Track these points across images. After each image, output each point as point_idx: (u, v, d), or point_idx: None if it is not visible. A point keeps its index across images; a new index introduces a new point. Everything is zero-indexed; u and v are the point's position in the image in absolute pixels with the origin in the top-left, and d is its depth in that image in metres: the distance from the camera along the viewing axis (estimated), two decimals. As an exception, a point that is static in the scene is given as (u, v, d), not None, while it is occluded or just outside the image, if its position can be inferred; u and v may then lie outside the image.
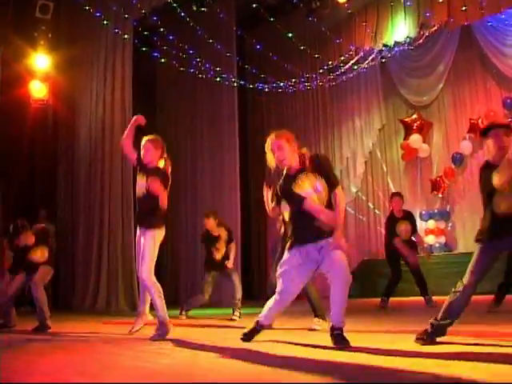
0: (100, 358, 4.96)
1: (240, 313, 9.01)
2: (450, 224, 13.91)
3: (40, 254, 7.94)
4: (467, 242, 13.34)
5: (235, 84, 13.66)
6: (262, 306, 5.50)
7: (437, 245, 13.58)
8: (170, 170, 6.61)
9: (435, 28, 12.74)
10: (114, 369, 4.29)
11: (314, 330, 6.66)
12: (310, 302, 7.02)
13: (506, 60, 13.21)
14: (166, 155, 6.68)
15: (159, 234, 6.36)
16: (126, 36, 12.48)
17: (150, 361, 4.62)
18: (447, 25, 12.64)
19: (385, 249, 10.08)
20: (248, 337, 5.43)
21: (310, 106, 15.34)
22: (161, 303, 6.14)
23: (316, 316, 6.93)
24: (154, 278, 6.19)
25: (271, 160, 5.42)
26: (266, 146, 5.47)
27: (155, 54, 12.89)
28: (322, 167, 5.20)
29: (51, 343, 6.33)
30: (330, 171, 5.26)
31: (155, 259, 6.28)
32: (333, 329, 4.89)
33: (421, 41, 13.10)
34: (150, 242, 6.25)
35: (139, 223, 6.51)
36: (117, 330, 7.86)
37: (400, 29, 13.01)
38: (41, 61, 13.17)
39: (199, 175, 14.52)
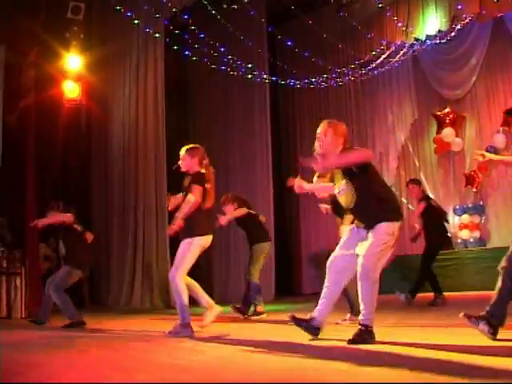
0: (134, 355, 5.01)
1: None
2: (483, 218, 13.79)
3: None
4: (501, 236, 13.25)
5: (267, 80, 13.66)
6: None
7: (471, 239, 13.47)
8: (211, 176, 6.75)
9: (467, 20, 12.62)
10: (147, 365, 4.34)
11: (340, 323, 6.87)
12: (348, 298, 7.13)
13: (539, 51, 13.07)
14: (206, 161, 6.82)
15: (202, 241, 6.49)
16: (157, 35, 12.51)
17: (184, 358, 4.66)
18: (479, 17, 12.52)
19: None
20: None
21: (341, 102, 15.29)
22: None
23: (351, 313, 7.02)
24: (182, 283, 6.31)
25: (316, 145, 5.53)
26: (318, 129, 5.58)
27: (186, 53, 12.91)
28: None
29: (88, 340, 6.41)
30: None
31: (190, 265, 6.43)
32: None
33: (453, 34, 12.99)
34: (185, 248, 6.41)
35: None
36: (152, 327, 7.93)
37: (431, 22, 12.91)
38: (73, 61, 13.23)
39: (232, 174, 14.50)
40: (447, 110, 14.31)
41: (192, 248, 6.39)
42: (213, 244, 6.81)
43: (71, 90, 13.37)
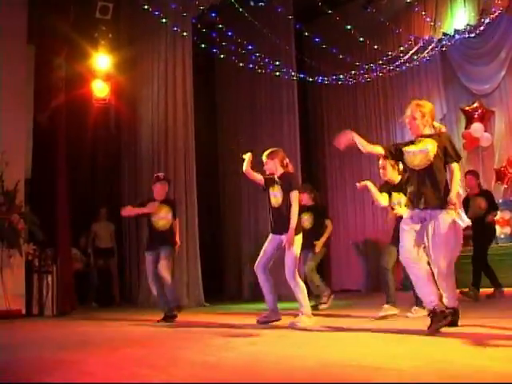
0: (165, 352, 5.05)
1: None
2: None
3: None
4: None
5: (294, 78, 13.67)
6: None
7: (502, 236, 13.36)
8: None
9: (496, 14, 12.52)
10: (177, 362, 4.38)
11: (383, 317, 6.93)
12: (385, 288, 7.44)
13: None
14: (286, 161, 7.43)
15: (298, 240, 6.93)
16: (184, 33, 12.56)
17: (214, 354, 4.69)
18: (508, 10, 12.41)
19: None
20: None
21: (370, 98, 15.27)
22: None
23: (387, 303, 7.13)
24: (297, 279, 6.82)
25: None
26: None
27: (214, 51, 12.95)
28: None
29: (119, 337, 6.48)
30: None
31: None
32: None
33: (481, 28, 12.90)
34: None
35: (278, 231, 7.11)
36: (182, 324, 7.98)
37: (460, 16, 12.82)
38: (102, 61, 13.35)
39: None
40: (476, 104, 14.21)
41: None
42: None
43: (100, 89, 13.50)
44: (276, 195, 7.24)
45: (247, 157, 7.44)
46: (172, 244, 8.65)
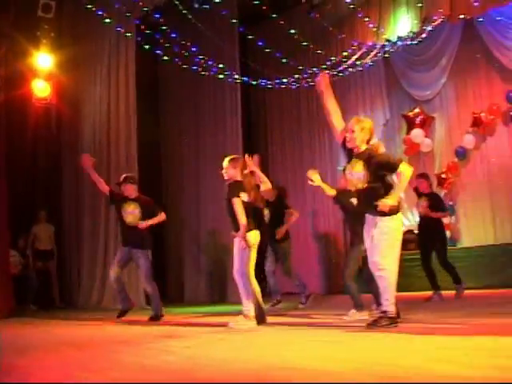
0: (105, 355, 5.00)
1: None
2: (454, 218, 13.88)
3: None
4: (471, 236, 13.41)
5: (238, 81, 13.67)
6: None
7: (442, 239, 13.56)
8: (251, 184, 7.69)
9: (438, 22, 12.70)
10: (117, 365, 4.34)
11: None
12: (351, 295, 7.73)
13: (509, 53, 13.15)
14: (246, 171, 7.72)
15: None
16: (128, 34, 12.48)
17: (154, 358, 4.67)
18: (450, 19, 12.59)
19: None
20: None
21: (313, 102, 15.30)
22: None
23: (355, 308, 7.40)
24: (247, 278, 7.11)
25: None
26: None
27: (158, 52, 12.86)
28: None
29: (59, 340, 6.39)
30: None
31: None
32: None
33: (424, 35, 13.05)
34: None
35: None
36: (124, 328, 7.91)
37: (402, 23, 12.95)
38: (44, 60, 13.15)
39: (201, 175, 14.56)
40: (417, 110, 14.39)
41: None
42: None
43: (41, 89, 13.28)
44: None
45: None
46: (145, 246, 9.21)
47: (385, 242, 5.96)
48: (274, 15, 12.55)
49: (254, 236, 7.30)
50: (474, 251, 12.44)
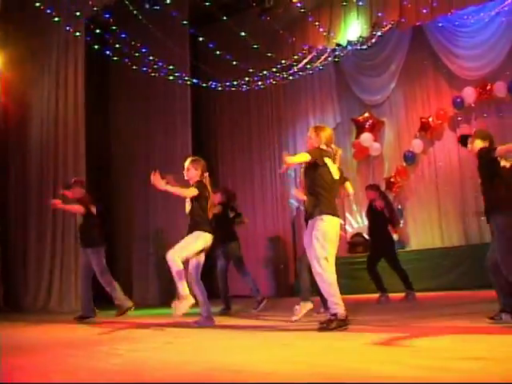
0: (55, 358, 4.94)
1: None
2: (402, 222, 14.02)
3: None
4: (419, 240, 13.57)
5: (188, 83, 13.63)
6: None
7: (389, 242, 13.67)
8: (209, 188, 7.80)
9: (387, 28, 12.84)
10: (66, 368, 4.29)
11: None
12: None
13: (456, 60, 13.41)
14: (206, 174, 7.84)
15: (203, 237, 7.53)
16: (77, 33, 12.34)
17: (103, 360, 4.65)
18: (399, 25, 12.74)
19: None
20: None
21: (263, 105, 15.40)
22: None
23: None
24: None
25: None
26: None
27: (107, 52, 12.73)
28: None
29: (3, 343, 6.26)
30: None
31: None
32: None
33: (373, 40, 13.20)
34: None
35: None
36: (71, 331, 7.82)
37: (353, 28, 13.07)
38: (-10, 58, 12.94)
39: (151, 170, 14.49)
40: (366, 114, 14.51)
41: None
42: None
43: (-13, 87, 13.05)
44: (187, 202, 7.75)
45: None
46: (92, 244, 9.20)
47: (317, 243, 6.18)
48: (225, 17, 12.53)
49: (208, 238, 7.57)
50: (421, 254, 12.57)
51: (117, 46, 12.48)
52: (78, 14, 12.01)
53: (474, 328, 5.56)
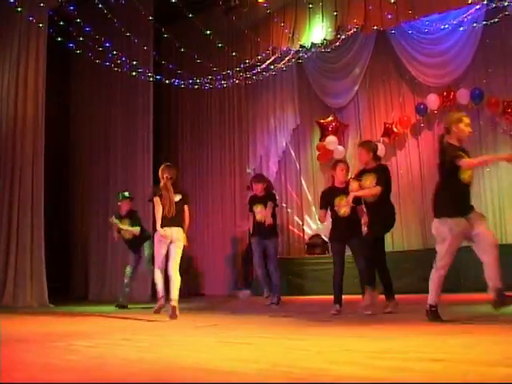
0: (8, 355, 4.85)
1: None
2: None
3: None
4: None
5: (151, 79, 13.56)
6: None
7: (346, 244, 13.73)
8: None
9: (352, 31, 12.91)
10: (21, 365, 4.22)
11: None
12: None
13: (419, 67, 13.50)
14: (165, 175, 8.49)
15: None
16: (40, 25, 12.16)
17: (59, 357, 4.58)
18: (364, 29, 12.81)
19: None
20: None
21: (225, 104, 15.40)
22: None
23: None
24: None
25: None
26: None
27: (70, 45, 12.57)
28: None
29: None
30: None
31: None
32: None
33: (337, 43, 13.24)
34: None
35: None
36: (27, 326, 7.71)
37: (317, 31, 13.13)
38: None
39: (112, 170, 14.44)
40: (330, 118, 14.55)
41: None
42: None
43: None
44: None
45: None
46: None
47: None
48: (191, 15, 12.47)
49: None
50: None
51: (80, 39, 12.34)
52: (42, 5, 11.84)
53: (431, 329, 5.61)
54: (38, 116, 12.46)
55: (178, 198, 8.31)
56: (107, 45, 12.37)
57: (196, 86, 13.85)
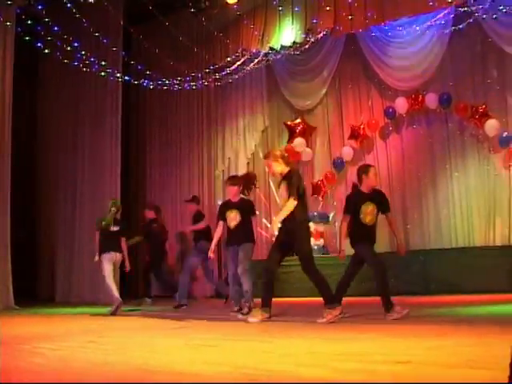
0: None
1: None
2: (328, 227, 14.14)
3: None
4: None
5: (120, 79, 13.49)
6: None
7: (315, 247, 13.73)
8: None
9: (321, 34, 12.97)
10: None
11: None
12: None
13: (387, 70, 13.58)
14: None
15: None
16: (8, 23, 12.06)
17: (24, 360, 4.58)
18: (333, 32, 12.90)
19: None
20: None
21: (194, 106, 15.41)
22: None
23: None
24: None
25: None
26: None
27: (39, 45, 12.46)
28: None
29: None
30: None
31: None
32: None
33: (307, 46, 13.30)
34: None
35: None
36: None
37: (287, 33, 13.18)
38: None
39: (80, 171, 14.36)
40: (298, 120, 14.57)
41: None
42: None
43: None
44: None
45: None
46: None
47: None
48: (161, 16, 12.44)
49: None
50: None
51: (48, 38, 12.24)
52: (9, 2, 11.74)
53: (397, 332, 5.65)
54: (4, 116, 12.34)
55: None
56: (76, 45, 12.25)
57: (165, 87, 13.80)
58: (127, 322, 8.01)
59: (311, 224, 13.72)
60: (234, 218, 8.98)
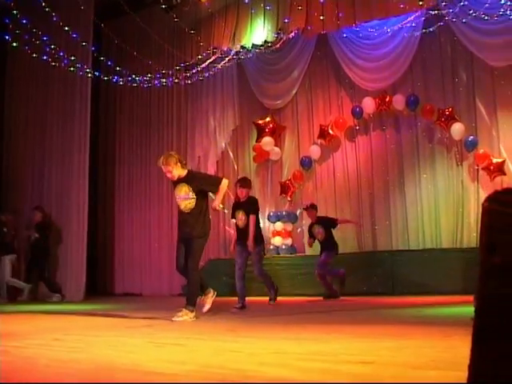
0: None
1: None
2: (297, 226, 14.15)
3: None
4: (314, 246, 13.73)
5: (89, 75, 13.37)
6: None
7: (283, 246, 13.78)
8: None
9: (292, 34, 13.00)
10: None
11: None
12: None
13: (357, 71, 13.62)
14: None
15: None
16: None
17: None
18: (304, 32, 12.91)
19: None
20: None
21: (164, 103, 15.33)
22: None
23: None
24: None
25: None
26: None
27: (6, 38, 12.32)
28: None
29: None
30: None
31: None
32: None
33: (278, 45, 13.30)
34: None
35: None
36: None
37: (258, 32, 13.16)
38: None
39: (47, 168, 14.25)
40: (268, 119, 14.58)
41: None
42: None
43: None
44: None
45: None
46: None
47: None
48: (132, 11, 12.36)
49: None
50: (311, 259, 12.58)
51: (17, 31, 12.10)
52: (-24, -5, 11.60)
53: (363, 332, 5.67)
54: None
55: None
56: (45, 39, 12.14)
57: (135, 84, 13.71)
58: (94, 320, 7.94)
59: (279, 223, 13.81)
60: (240, 218, 9.66)
